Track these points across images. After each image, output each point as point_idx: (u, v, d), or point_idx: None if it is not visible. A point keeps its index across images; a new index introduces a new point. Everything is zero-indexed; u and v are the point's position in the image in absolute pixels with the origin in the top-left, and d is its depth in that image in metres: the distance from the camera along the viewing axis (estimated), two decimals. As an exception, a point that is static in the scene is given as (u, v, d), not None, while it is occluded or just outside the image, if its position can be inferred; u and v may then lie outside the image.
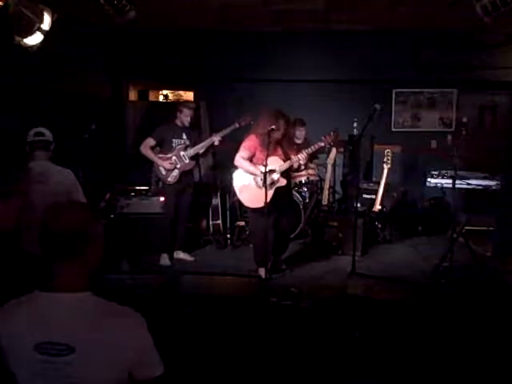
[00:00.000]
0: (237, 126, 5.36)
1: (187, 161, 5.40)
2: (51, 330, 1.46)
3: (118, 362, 1.47)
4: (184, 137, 5.42)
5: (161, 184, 5.66)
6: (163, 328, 1.61)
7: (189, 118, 5.40)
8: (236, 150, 4.76)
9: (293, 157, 4.64)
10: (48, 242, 1.51)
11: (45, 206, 1.59)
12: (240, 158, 4.70)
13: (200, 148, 5.44)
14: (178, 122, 5.42)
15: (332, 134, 4.68)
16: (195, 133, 5.58)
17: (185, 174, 5.43)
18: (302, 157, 4.59)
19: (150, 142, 5.39)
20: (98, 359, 1.44)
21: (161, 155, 5.40)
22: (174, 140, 5.39)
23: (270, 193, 4.56)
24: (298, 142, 6.05)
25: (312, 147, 4.72)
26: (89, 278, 1.57)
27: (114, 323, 1.50)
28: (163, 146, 5.43)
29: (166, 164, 5.34)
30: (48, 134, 3.69)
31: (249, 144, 4.69)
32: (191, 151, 5.41)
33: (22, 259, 2.98)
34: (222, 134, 5.41)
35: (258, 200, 4.61)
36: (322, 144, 4.70)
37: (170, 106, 5.90)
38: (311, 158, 5.63)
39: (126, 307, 1.55)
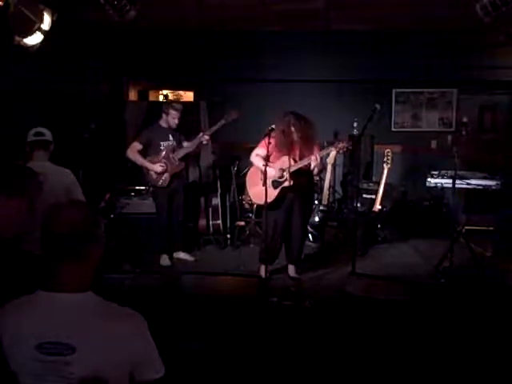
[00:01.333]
0: (223, 122, 5.25)
1: (177, 162, 5.32)
2: (52, 329, 1.46)
3: (119, 362, 1.47)
4: (170, 138, 5.33)
5: (151, 188, 5.58)
6: (163, 328, 1.61)
7: (176, 120, 5.28)
8: (235, 151, 4.77)
9: (312, 157, 4.57)
10: (49, 242, 1.51)
11: (44, 206, 1.59)
12: (255, 155, 4.78)
13: (189, 148, 5.36)
14: (164, 124, 5.32)
15: (346, 140, 4.69)
16: (178, 133, 5.43)
17: (175, 176, 5.36)
18: (313, 158, 4.53)
19: (137, 146, 5.29)
20: (99, 359, 1.44)
21: (149, 158, 5.30)
22: (161, 143, 5.30)
23: (276, 192, 4.63)
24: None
25: (324, 151, 4.68)
26: (90, 278, 1.57)
27: (115, 324, 1.50)
28: (150, 150, 5.32)
29: (157, 167, 5.24)
30: (48, 134, 3.67)
31: (266, 142, 4.68)
32: (180, 152, 5.34)
33: (21, 259, 2.98)
34: (209, 132, 5.34)
35: (263, 196, 4.63)
36: (333, 149, 4.60)
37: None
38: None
39: (127, 308, 1.56)
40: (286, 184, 4.59)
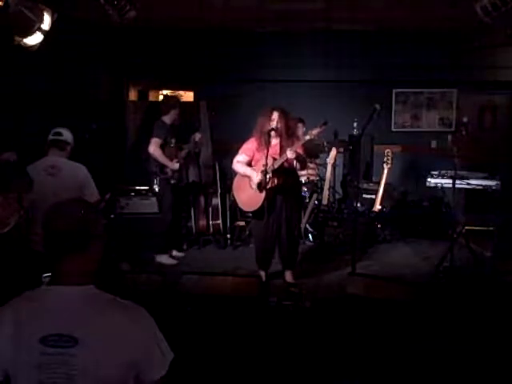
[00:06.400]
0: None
1: (182, 160, 5.45)
2: (56, 322, 1.47)
3: (122, 354, 1.48)
4: (173, 135, 5.41)
5: (159, 185, 5.60)
6: (163, 328, 1.61)
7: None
8: (235, 151, 4.76)
9: (287, 151, 4.37)
10: (49, 238, 1.54)
11: (56, 200, 1.61)
12: (236, 162, 4.67)
13: (189, 147, 5.51)
14: (168, 121, 5.37)
15: (319, 126, 4.44)
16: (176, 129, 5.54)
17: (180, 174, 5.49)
18: (288, 151, 4.33)
19: (159, 142, 5.27)
20: (102, 351, 1.46)
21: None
22: (171, 140, 5.37)
23: (263, 195, 4.36)
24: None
25: (300, 142, 4.52)
26: (91, 274, 1.59)
27: (117, 314, 1.52)
28: (164, 147, 5.37)
29: (176, 165, 5.34)
30: (66, 135, 3.76)
31: (246, 147, 4.65)
32: (183, 152, 5.44)
33: (25, 256, 2.99)
34: (200, 130, 5.53)
35: (252, 203, 4.57)
36: (308, 137, 4.45)
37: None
38: (309, 156, 5.52)
39: (129, 301, 1.58)
40: (270, 185, 4.39)
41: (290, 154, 4.32)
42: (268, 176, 4.32)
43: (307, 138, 4.46)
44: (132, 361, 1.49)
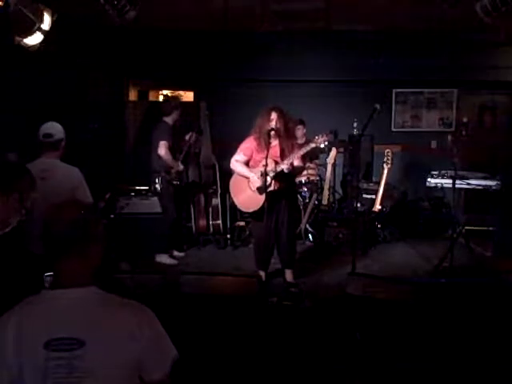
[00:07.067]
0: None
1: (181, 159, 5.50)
2: (59, 325, 1.47)
3: (127, 351, 1.48)
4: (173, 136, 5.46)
5: (160, 187, 5.60)
6: (163, 328, 1.62)
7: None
8: (235, 151, 4.75)
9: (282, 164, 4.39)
10: (50, 241, 1.54)
11: (48, 203, 1.62)
12: (234, 161, 4.64)
13: (185, 148, 5.60)
14: (170, 122, 5.41)
15: (325, 135, 4.41)
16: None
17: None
18: (284, 165, 4.34)
19: (167, 144, 5.34)
20: (108, 350, 1.46)
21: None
22: (172, 141, 5.41)
23: (263, 197, 4.34)
24: (299, 142, 6.02)
25: (303, 149, 4.48)
26: (91, 274, 1.59)
27: (121, 313, 1.53)
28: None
29: (180, 166, 5.40)
30: (57, 133, 3.66)
31: (245, 146, 4.62)
32: (184, 153, 5.49)
33: (23, 257, 2.99)
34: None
35: (251, 203, 4.56)
36: (313, 145, 4.41)
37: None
38: (306, 157, 5.52)
39: (131, 300, 1.59)
40: (271, 188, 4.38)
41: (285, 169, 4.34)
42: (269, 178, 4.32)
43: (312, 145, 4.41)
44: (137, 359, 1.50)
